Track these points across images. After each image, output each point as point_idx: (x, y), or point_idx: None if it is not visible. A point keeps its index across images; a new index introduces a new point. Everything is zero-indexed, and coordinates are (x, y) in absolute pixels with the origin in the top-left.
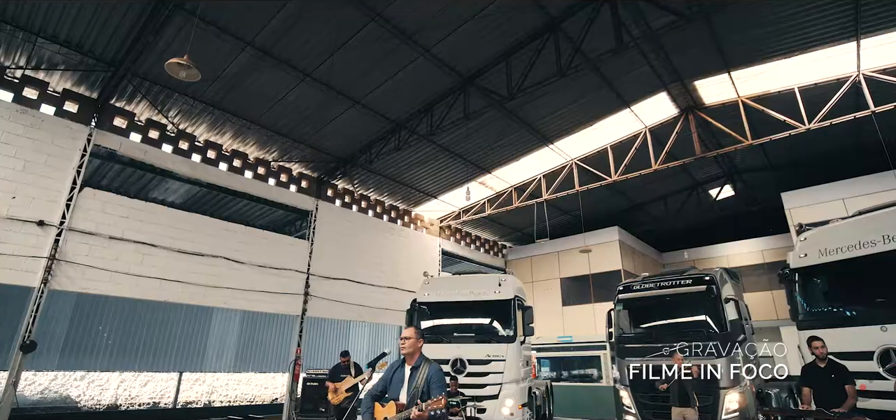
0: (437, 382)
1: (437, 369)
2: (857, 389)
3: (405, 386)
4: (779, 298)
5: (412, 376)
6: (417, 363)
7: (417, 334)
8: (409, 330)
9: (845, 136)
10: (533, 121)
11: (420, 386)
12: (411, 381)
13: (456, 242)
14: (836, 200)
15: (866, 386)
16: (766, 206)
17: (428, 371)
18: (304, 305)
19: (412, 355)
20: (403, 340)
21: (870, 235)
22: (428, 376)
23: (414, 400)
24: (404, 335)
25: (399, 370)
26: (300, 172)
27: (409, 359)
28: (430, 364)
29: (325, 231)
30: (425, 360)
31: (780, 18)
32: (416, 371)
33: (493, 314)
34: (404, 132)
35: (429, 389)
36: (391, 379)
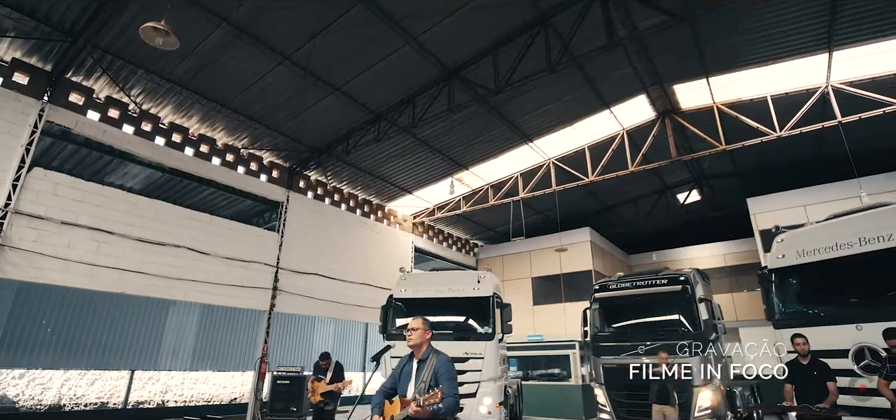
0: (446, 375)
1: (447, 361)
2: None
3: (412, 380)
4: (739, 301)
5: (419, 370)
6: (425, 356)
7: (426, 325)
8: (417, 320)
9: (808, 145)
10: (514, 118)
11: (427, 380)
12: (418, 375)
13: (429, 239)
14: (797, 207)
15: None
16: (728, 212)
17: (436, 363)
18: (272, 300)
19: (419, 348)
20: (410, 332)
21: (846, 238)
22: (435, 369)
23: (423, 394)
24: (411, 326)
25: (407, 364)
26: (271, 161)
27: (416, 351)
28: (438, 356)
29: (296, 224)
30: (434, 351)
31: (762, 26)
32: (424, 364)
33: (471, 311)
34: (384, 123)
35: (436, 383)
36: (400, 374)
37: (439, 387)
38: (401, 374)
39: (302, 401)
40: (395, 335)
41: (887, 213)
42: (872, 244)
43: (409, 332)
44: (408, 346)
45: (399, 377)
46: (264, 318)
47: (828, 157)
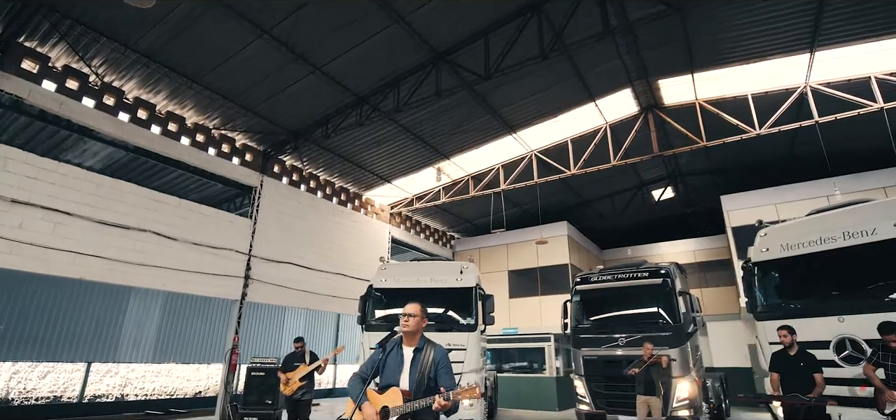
0: (447, 368)
1: (446, 353)
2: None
3: (406, 371)
4: (707, 296)
5: (416, 360)
6: (420, 345)
7: (423, 312)
8: (414, 306)
9: (781, 145)
10: (500, 107)
11: (426, 371)
12: (415, 365)
13: (406, 230)
14: (769, 205)
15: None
16: (700, 209)
17: (434, 354)
18: (244, 289)
19: (415, 335)
20: (407, 318)
21: (831, 232)
22: (436, 361)
23: (421, 386)
24: (408, 311)
25: (395, 352)
26: (245, 144)
27: (409, 339)
28: (435, 346)
29: (270, 210)
30: (429, 342)
31: (751, 22)
32: (420, 354)
33: (454, 302)
34: (367, 107)
35: (436, 375)
36: (385, 362)
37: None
38: (386, 363)
39: (277, 394)
40: (375, 326)
41: (870, 208)
42: (856, 238)
43: (405, 317)
44: (402, 332)
45: (383, 366)
46: (235, 308)
47: (799, 157)
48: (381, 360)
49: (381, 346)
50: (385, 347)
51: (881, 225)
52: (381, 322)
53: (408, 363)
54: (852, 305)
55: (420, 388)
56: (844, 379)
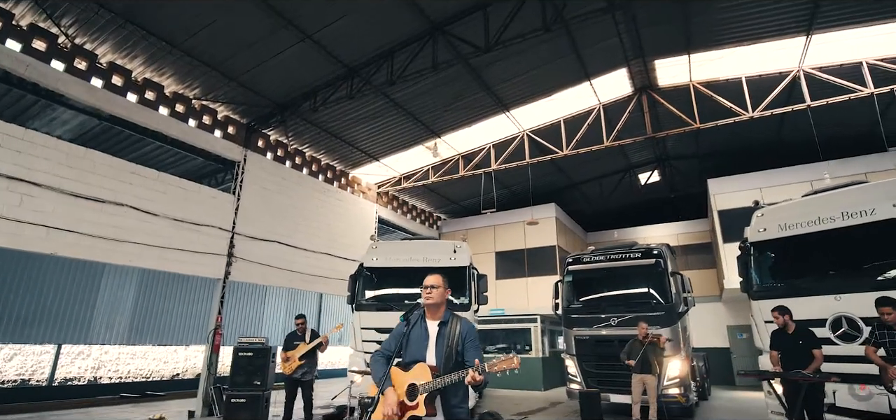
0: (475, 342)
1: (474, 327)
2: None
3: (432, 345)
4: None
5: (442, 334)
6: (445, 318)
7: (446, 283)
8: (436, 277)
9: (768, 130)
10: (494, 84)
11: (454, 346)
12: (441, 339)
13: (393, 210)
14: (754, 189)
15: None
16: (683, 194)
17: (461, 327)
18: (227, 267)
19: (439, 308)
20: (429, 290)
21: (829, 212)
22: (462, 334)
23: (449, 362)
24: (430, 283)
25: (418, 327)
26: (227, 116)
27: (432, 313)
28: (461, 320)
29: (254, 186)
30: (454, 315)
31: (751, 1)
32: (446, 327)
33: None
34: (358, 80)
35: (464, 350)
36: (408, 337)
37: (514, 354)
38: (410, 337)
39: (267, 375)
40: (365, 306)
41: (869, 188)
42: (855, 218)
43: (426, 290)
44: (425, 306)
45: (407, 340)
46: (218, 287)
47: (785, 143)
48: (405, 335)
49: (405, 321)
50: (409, 322)
51: (880, 205)
52: (371, 302)
53: (433, 338)
54: (849, 284)
55: (448, 363)
56: (840, 356)
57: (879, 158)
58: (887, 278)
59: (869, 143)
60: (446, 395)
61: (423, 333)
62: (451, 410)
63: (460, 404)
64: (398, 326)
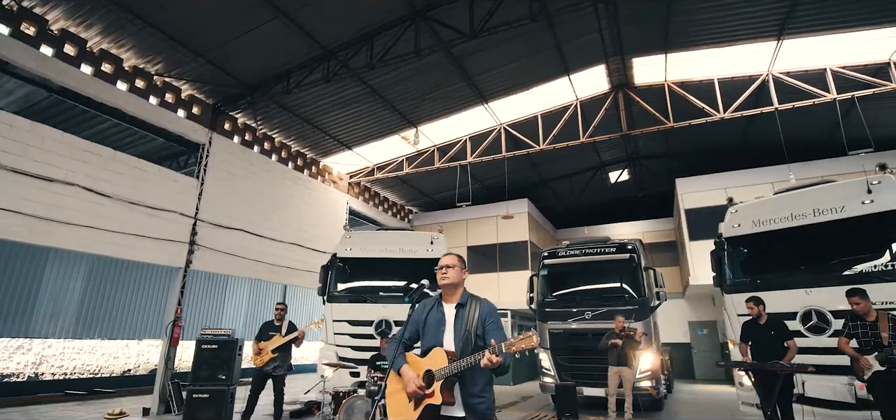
0: (496, 323)
1: (494, 309)
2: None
3: (450, 329)
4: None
5: (460, 316)
6: (463, 300)
7: (462, 263)
8: (451, 257)
9: (734, 132)
10: (475, 74)
11: (473, 328)
12: (459, 321)
13: (364, 202)
14: (719, 189)
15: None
16: (650, 193)
17: (480, 308)
18: (188, 256)
19: (455, 290)
20: (444, 270)
21: (801, 209)
22: (482, 316)
23: (468, 345)
24: (445, 263)
25: (434, 311)
26: (192, 95)
27: (448, 294)
28: (480, 301)
29: (219, 171)
30: (473, 296)
31: (730, 3)
32: (464, 309)
33: (423, 274)
34: (335, 62)
35: (484, 333)
36: (425, 321)
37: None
38: (427, 322)
39: (232, 368)
40: (337, 298)
41: (839, 186)
42: (825, 215)
43: (442, 270)
44: (441, 288)
45: (424, 325)
46: (178, 277)
47: (750, 145)
48: (421, 320)
49: (410, 303)
50: (423, 306)
51: (850, 203)
52: (344, 293)
53: (450, 321)
54: (819, 279)
55: (467, 348)
56: (810, 348)
57: (839, 162)
58: (856, 273)
59: (829, 147)
60: (465, 384)
61: (440, 317)
62: (470, 400)
63: (481, 394)
64: (415, 312)
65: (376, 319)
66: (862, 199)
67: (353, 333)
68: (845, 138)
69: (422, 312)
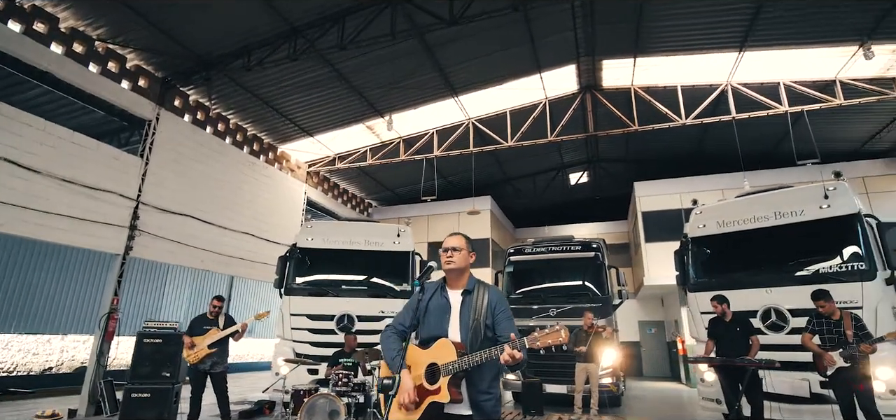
0: (507, 314)
1: (502, 295)
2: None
3: (456, 318)
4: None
5: (466, 304)
6: (470, 286)
7: (469, 246)
8: (457, 238)
9: (691, 139)
10: (447, 65)
11: (482, 318)
12: (466, 309)
13: (323, 193)
14: (675, 194)
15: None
16: (607, 196)
17: (489, 296)
18: (129, 242)
19: (461, 275)
20: (450, 253)
21: (763, 212)
22: (491, 304)
23: (477, 337)
24: (452, 245)
25: (437, 297)
26: (139, 66)
27: (454, 280)
28: (488, 287)
29: (167, 151)
30: (480, 282)
31: (700, 11)
32: (471, 296)
33: (389, 267)
34: (302, 41)
35: (494, 323)
36: (426, 308)
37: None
38: (429, 309)
39: (177, 365)
40: (296, 290)
41: (799, 191)
42: (786, 218)
43: (448, 252)
44: (445, 272)
45: (426, 312)
46: (116, 265)
47: (705, 153)
48: (422, 307)
49: (419, 287)
50: (424, 290)
51: (808, 207)
52: (304, 286)
53: (456, 309)
54: (780, 278)
55: (476, 339)
56: (770, 344)
57: (789, 172)
58: (813, 273)
59: (776, 157)
60: (472, 379)
61: (444, 304)
62: (478, 397)
63: (488, 390)
64: (413, 296)
65: (338, 314)
66: (819, 204)
67: (312, 328)
68: (794, 149)
69: (422, 298)
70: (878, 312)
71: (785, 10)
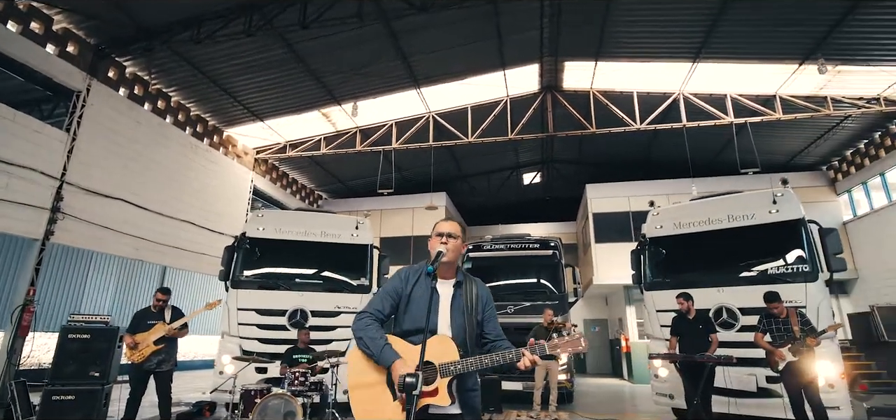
0: (494, 309)
1: (488, 289)
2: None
3: (446, 311)
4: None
5: (458, 297)
6: (460, 278)
7: (464, 234)
8: (453, 224)
9: (641, 145)
10: (412, 53)
11: (474, 313)
12: (458, 304)
13: (271, 182)
14: (623, 197)
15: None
16: (557, 197)
17: (477, 290)
18: (49, 226)
19: (452, 265)
20: (446, 239)
21: (717, 215)
22: (482, 300)
23: (471, 334)
24: (447, 230)
25: (422, 285)
26: (67, 29)
27: (446, 269)
28: (475, 280)
29: (97, 127)
30: (466, 274)
31: (661, 20)
32: (460, 290)
33: (346, 260)
34: (258, 16)
35: (483, 320)
36: (410, 296)
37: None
38: (411, 297)
39: (109, 363)
40: (244, 283)
41: (750, 196)
42: (738, 221)
43: (443, 238)
44: (443, 260)
45: (409, 300)
46: (34, 251)
47: (651, 159)
48: (405, 293)
49: (396, 275)
50: (402, 276)
51: (758, 211)
52: (253, 278)
53: (447, 301)
54: (731, 278)
55: (471, 337)
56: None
57: (731, 180)
58: (762, 274)
59: (717, 164)
60: (463, 377)
61: (433, 296)
62: (466, 395)
63: (475, 387)
64: (390, 281)
65: (290, 309)
66: (768, 209)
67: (261, 323)
68: (733, 158)
69: (402, 284)
70: (819, 311)
71: (738, 25)
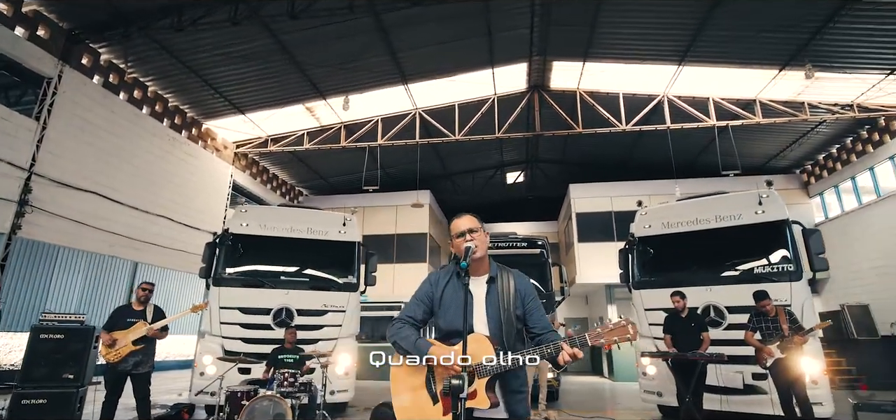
0: (537, 300)
1: (528, 280)
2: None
3: (481, 309)
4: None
5: (492, 293)
6: (494, 273)
7: (483, 225)
8: (469, 219)
9: (624, 147)
10: (400, 49)
11: (511, 307)
12: (493, 300)
13: (251, 177)
14: (605, 197)
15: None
16: (539, 196)
17: (516, 282)
18: (17, 219)
19: (483, 260)
20: (469, 236)
21: (705, 215)
22: (521, 292)
23: (510, 330)
24: (467, 226)
25: (452, 286)
26: (38, 11)
27: (476, 266)
28: (512, 272)
29: (70, 115)
30: (502, 267)
31: (647, 23)
32: (494, 285)
33: (333, 257)
34: (244, 6)
35: (524, 314)
36: (441, 298)
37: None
38: (444, 298)
39: (84, 364)
40: (227, 281)
41: (736, 197)
42: (725, 221)
43: (465, 237)
44: (473, 258)
45: (440, 302)
46: None
47: (634, 160)
48: (437, 296)
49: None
50: (433, 281)
51: (745, 211)
52: (236, 276)
53: (481, 299)
54: (719, 277)
55: (510, 333)
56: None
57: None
58: (749, 272)
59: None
60: (506, 379)
61: (465, 294)
62: (512, 398)
63: (522, 389)
64: (421, 287)
65: (275, 307)
66: (754, 209)
67: (244, 323)
68: (714, 160)
69: (433, 287)
70: (803, 309)
71: (724, 30)
